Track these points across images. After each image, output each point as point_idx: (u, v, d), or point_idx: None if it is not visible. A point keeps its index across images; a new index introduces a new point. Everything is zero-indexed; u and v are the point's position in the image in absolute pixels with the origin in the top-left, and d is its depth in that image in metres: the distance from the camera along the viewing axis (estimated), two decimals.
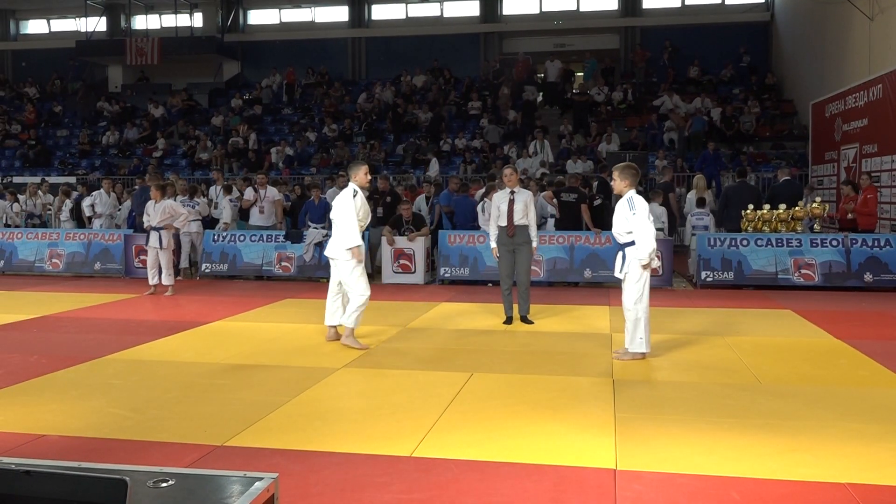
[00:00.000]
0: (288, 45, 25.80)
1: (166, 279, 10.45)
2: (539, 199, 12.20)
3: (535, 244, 8.10)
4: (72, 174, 20.67)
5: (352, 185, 6.95)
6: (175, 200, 12.72)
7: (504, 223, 7.99)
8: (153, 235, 10.39)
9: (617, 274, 6.37)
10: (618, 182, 6.28)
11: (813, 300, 9.65)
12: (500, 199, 8.09)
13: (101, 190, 14.41)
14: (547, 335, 7.49)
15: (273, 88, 24.48)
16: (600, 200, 12.10)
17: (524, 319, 8.10)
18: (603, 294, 10.23)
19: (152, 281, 10.49)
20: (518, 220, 7.94)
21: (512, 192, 8.00)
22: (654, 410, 4.89)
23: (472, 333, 7.57)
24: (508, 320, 8.10)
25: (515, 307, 8.15)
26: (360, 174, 6.94)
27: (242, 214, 13.06)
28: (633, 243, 6.12)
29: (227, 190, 13.24)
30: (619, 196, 6.36)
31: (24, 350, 6.83)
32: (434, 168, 18.52)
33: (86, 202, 14.21)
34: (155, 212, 10.41)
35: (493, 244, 8.08)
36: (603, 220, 11.54)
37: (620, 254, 6.28)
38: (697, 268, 11.06)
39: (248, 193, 12.84)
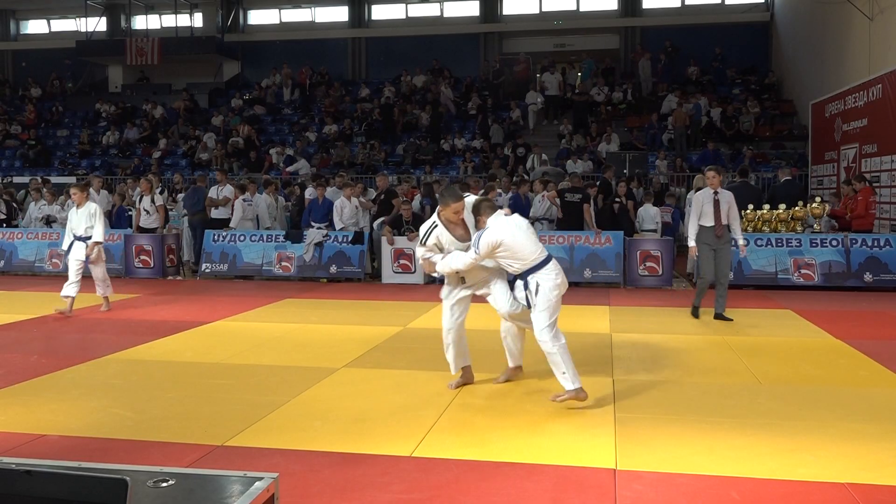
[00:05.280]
0: (288, 45, 25.77)
1: (102, 290, 8.82)
2: (540, 198, 12.22)
3: (741, 241, 8.18)
4: (72, 174, 20.65)
5: (433, 218, 5.39)
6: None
7: (708, 223, 8.06)
8: (77, 246, 8.46)
9: (524, 304, 5.16)
10: (483, 219, 5.14)
11: (813, 300, 9.65)
12: (704, 198, 8.15)
13: (92, 189, 13.55)
14: None
15: (273, 88, 24.47)
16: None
17: (720, 316, 8.22)
18: (603, 294, 10.23)
19: (65, 294, 8.39)
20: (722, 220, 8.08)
21: (716, 193, 8.08)
22: (654, 410, 4.89)
23: (472, 333, 7.53)
24: (695, 311, 8.42)
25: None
26: (449, 212, 5.23)
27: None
28: (532, 270, 5.01)
29: (242, 190, 13.08)
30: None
31: (24, 350, 6.84)
32: (304, 168, 18.76)
33: None
34: (79, 217, 8.50)
35: (692, 243, 8.15)
36: (603, 220, 11.57)
37: (520, 283, 5.10)
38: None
39: (310, 193, 12.74)
